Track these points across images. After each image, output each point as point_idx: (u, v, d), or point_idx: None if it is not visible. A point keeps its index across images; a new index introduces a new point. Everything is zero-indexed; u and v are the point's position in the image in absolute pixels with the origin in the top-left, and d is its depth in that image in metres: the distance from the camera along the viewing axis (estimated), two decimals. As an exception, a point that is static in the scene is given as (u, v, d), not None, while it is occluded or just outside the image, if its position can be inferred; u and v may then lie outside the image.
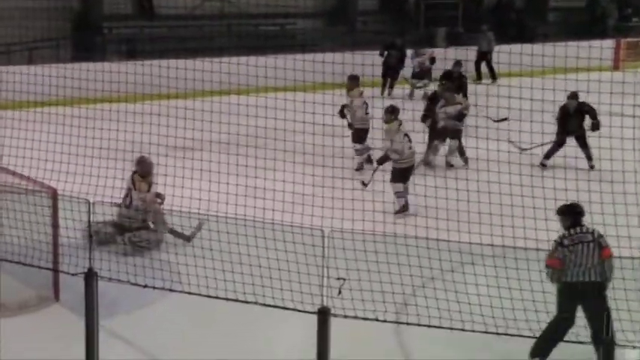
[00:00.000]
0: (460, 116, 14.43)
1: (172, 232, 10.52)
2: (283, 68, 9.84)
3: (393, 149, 11.99)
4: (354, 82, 14.46)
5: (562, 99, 8.94)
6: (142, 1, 23.90)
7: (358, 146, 14.16)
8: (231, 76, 10.39)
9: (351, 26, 26.62)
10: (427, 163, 13.94)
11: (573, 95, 13.70)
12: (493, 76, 22.32)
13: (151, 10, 23.86)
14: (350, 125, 14.27)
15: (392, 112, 12.40)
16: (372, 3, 27.57)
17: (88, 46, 21.96)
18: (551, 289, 7.48)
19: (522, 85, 8.51)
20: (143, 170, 10.68)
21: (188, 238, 10.31)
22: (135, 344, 8.31)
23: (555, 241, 7.48)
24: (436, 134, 14.34)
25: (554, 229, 8.12)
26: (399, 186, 12.00)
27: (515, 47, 10.48)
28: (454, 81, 16.64)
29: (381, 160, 12.26)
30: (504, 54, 9.14)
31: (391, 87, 21.41)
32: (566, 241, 7.41)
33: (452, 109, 14.38)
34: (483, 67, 23.00)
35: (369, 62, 11.58)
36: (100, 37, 22.82)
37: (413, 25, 26.72)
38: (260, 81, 9.88)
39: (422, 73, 20.98)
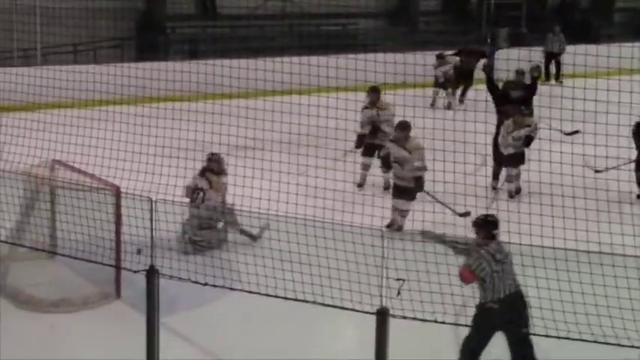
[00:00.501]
0: (528, 139, 12.76)
1: (243, 231, 10.58)
2: (345, 68, 9.84)
3: (423, 167, 11.08)
4: (377, 94, 13.09)
5: (627, 100, 8.77)
6: (205, 1, 24.11)
7: (367, 160, 12.97)
8: (293, 76, 10.42)
9: (413, 26, 26.53)
10: (511, 196, 12.70)
11: None
12: (558, 77, 22.05)
13: (214, 10, 24.05)
14: (362, 141, 13.17)
15: (405, 129, 11.15)
16: (435, 3, 27.44)
17: (151, 45, 22.23)
18: (614, 292, 7.34)
19: (587, 86, 8.39)
20: (219, 168, 10.73)
21: (255, 238, 10.36)
22: (194, 342, 8.39)
23: (481, 254, 7.29)
24: (504, 161, 12.90)
25: (618, 232, 8.01)
26: (409, 204, 11.09)
27: (580, 48, 10.35)
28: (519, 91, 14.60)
29: (420, 185, 11.24)
30: (569, 55, 9.03)
31: (463, 94, 20.25)
32: (499, 256, 7.29)
33: (519, 134, 12.75)
34: (552, 68, 22.71)
35: (431, 63, 11.46)
36: (163, 36, 23.07)
37: (475, 25, 26.54)
38: (321, 81, 9.89)
39: (446, 83, 19.87)
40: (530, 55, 18.65)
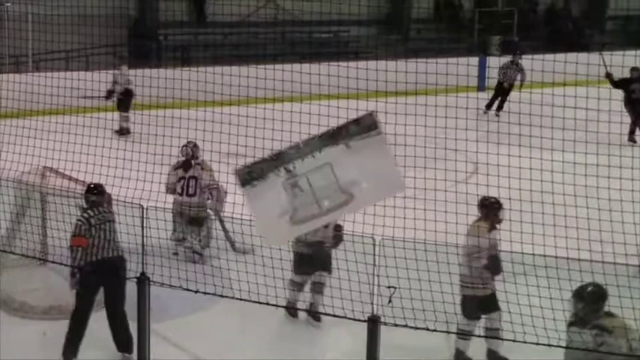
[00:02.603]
0: None
1: (224, 228, 10.55)
2: (336, 76, 9.84)
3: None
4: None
5: (618, 109, 8.83)
6: (197, 8, 24.13)
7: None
8: (284, 84, 10.45)
9: (404, 34, 26.59)
10: None
11: None
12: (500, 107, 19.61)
13: (204, 17, 24.07)
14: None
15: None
16: (426, 11, 27.50)
17: (143, 52, 22.24)
18: (610, 300, 7.35)
19: (577, 94, 8.42)
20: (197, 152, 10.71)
21: (234, 247, 10.27)
22: (185, 348, 8.39)
23: (80, 220, 7.96)
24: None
25: (608, 240, 8.02)
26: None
27: (571, 56, 10.34)
28: None
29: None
30: (560, 62, 9.06)
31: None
32: (93, 221, 7.94)
33: None
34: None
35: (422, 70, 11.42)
36: (155, 44, 23.08)
37: (467, 33, 26.61)
38: (313, 88, 9.89)
39: (122, 102, 15.65)
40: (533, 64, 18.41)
